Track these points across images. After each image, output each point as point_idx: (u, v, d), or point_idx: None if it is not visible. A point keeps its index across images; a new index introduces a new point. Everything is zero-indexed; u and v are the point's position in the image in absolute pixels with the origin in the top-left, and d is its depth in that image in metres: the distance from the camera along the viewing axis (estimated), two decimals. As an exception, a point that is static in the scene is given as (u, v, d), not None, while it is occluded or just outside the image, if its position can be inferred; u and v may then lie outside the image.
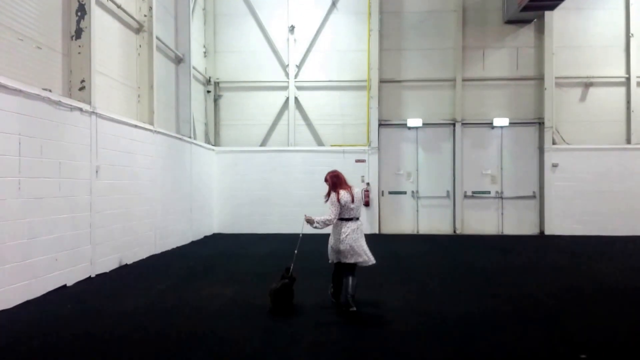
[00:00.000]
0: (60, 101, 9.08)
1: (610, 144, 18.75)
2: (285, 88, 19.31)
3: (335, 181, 7.58)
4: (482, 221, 19.17)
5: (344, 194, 7.40)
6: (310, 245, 9.29)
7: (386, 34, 19.21)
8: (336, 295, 7.66)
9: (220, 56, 19.48)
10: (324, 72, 19.31)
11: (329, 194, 7.57)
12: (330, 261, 7.64)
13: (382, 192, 19.03)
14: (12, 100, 7.84)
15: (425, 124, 19.09)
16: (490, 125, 19.13)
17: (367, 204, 18.20)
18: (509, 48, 19.18)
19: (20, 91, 8.01)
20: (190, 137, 16.13)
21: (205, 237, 17.52)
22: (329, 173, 7.76)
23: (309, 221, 7.35)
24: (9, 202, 7.76)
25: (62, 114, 9.16)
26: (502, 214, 19.21)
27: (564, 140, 18.90)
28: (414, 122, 19.00)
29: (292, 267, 7.69)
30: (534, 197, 19.16)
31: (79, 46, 10.12)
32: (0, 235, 7.57)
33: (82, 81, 10.07)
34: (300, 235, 8.10)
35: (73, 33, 10.13)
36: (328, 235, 7.66)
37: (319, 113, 19.30)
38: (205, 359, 5.53)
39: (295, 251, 7.83)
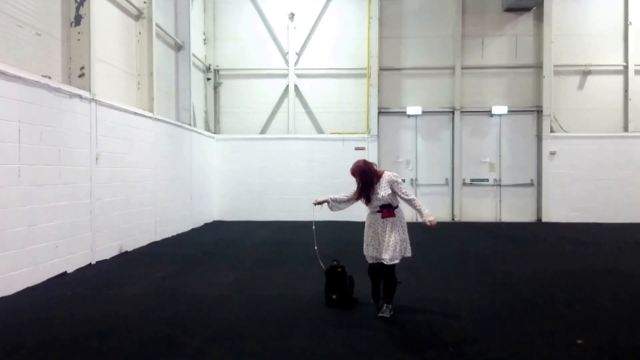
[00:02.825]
0: (59, 88, 9.08)
1: (608, 132, 18.83)
2: (285, 76, 19.28)
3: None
4: (480, 208, 19.28)
5: None
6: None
7: (386, 22, 19.18)
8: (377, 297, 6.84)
9: (220, 43, 19.43)
10: (324, 59, 19.27)
11: (367, 186, 6.53)
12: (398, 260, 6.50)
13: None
14: (11, 87, 7.84)
15: (424, 112, 19.14)
16: (489, 113, 19.19)
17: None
18: (508, 36, 19.18)
19: (19, 78, 8.00)
20: (190, 125, 16.12)
21: (206, 224, 17.56)
22: (364, 163, 6.64)
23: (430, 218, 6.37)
24: (9, 190, 7.78)
25: (62, 101, 9.16)
26: (500, 201, 19.31)
27: (561, 128, 18.96)
28: (413, 110, 19.03)
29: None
30: (531, 184, 19.26)
31: (79, 33, 10.10)
32: (0, 222, 7.58)
33: (82, 68, 10.06)
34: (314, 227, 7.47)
35: (72, 20, 10.09)
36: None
37: (319, 101, 19.29)
38: (206, 345, 5.56)
39: (316, 247, 7.37)
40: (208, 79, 19.14)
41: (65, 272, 9.18)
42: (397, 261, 6.41)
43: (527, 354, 5.35)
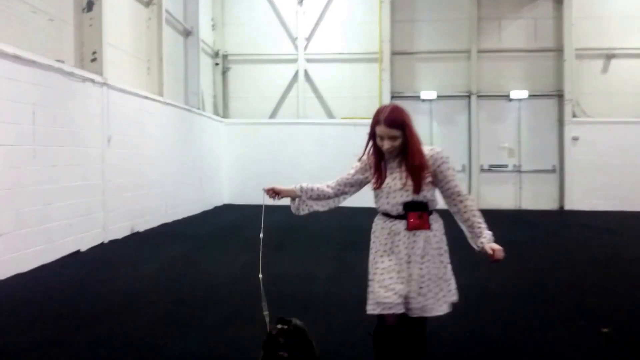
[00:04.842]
0: (72, 72, 9.35)
1: (634, 117, 18.11)
2: (295, 61, 19.28)
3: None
4: (499, 195, 18.59)
5: None
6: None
7: (398, 5, 18.89)
8: None
9: (229, 29, 19.51)
10: (334, 44, 19.17)
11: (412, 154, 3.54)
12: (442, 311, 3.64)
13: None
14: (26, 71, 8.09)
15: (439, 96, 18.73)
16: (507, 97, 18.73)
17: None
18: (526, 19, 18.72)
19: (34, 62, 8.25)
20: (199, 109, 16.37)
21: (216, 207, 17.74)
22: (398, 110, 3.67)
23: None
24: (25, 170, 8.06)
25: (75, 85, 9.43)
26: (520, 188, 18.84)
27: (584, 113, 18.39)
28: (427, 94, 18.65)
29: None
30: (553, 171, 18.75)
31: (91, 19, 10.36)
32: (17, 201, 7.86)
33: (94, 53, 10.33)
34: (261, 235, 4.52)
35: (84, 6, 10.36)
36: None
37: (329, 86, 19.22)
38: (218, 324, 5.58)
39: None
40: (216, 64, 19.28)
41: (79, 250, 9.45)
42: (438, 313, 3.59)
43: (550, 342, 5.07)
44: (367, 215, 5.53)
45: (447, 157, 3.67)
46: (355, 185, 3.82)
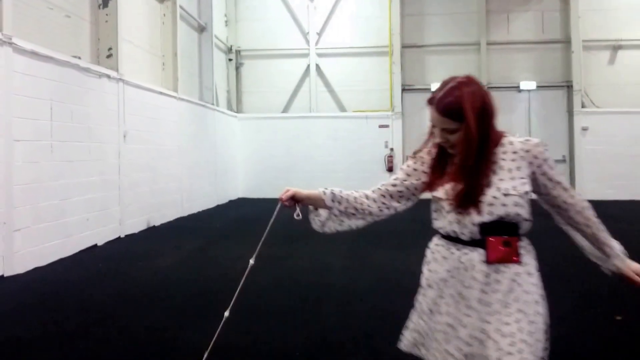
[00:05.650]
0: (89, 68, 9.45)
1: (642, 107, 18.27)
2: (306, 55, 19.37)
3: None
4: None
5: None
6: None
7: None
8: None
9: (241, 25, 19.59)
10: (345, 38, 19.26)
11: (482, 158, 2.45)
12: None
13: (407, 157, 18.64)
14: (43, 66, 8.19)
15: None
16: (517, 88, 18.84)
17: (390, 170, 18.03)
18: (534, 11, 18.86)
19: (51, 58, 8.35)
20: (213, 104, 16.45)
21: (231, 201, 17.83)
22: (460, 87, 2.55)
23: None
24: (43, 165, 8.17)
25: (91, 81, 9.53)
26: None
27: (593, 104, 18.48)
28: (437, 86, 18.35)
29: None
30: (563, 160, 18.65)
31: (106, 15, 10.45)
32: (35, 195, 7.96)
33: (110, 49, 10.42)
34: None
35: (100, 2, 10.45)
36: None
37: (341, 79, 19.30)
38: (234, 316, 5.47)
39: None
40: (230, 60, 19.37)
41: (96, 244, 9.55)
42: None
43: (562, 329, 4.81)
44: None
45: (548, 152, 2.50)
46: (407, 195, 2.65)
